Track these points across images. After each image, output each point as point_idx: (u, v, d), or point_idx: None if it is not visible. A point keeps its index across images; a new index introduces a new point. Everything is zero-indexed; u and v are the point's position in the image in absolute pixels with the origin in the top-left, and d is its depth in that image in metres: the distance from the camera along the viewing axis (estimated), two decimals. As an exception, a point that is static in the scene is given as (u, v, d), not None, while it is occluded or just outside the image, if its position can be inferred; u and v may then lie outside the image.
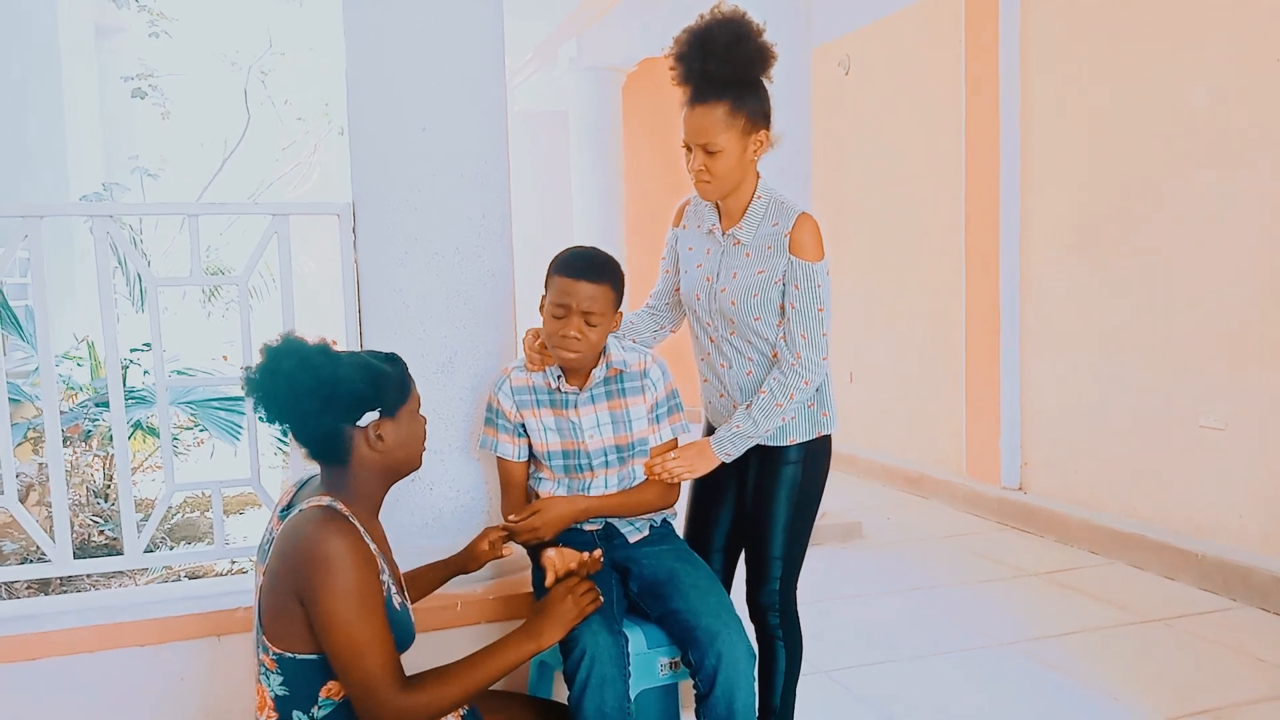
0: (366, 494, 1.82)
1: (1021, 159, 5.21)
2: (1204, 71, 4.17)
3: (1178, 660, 3.43)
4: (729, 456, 2.31)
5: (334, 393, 1.73)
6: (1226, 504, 4.18)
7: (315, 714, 1.76)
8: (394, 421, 1.81)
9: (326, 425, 1.75)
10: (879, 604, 4.05)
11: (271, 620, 1.73)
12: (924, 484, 5.97)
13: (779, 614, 2.36)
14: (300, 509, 1.75)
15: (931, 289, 6.00)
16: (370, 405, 1.77)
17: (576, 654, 1.99)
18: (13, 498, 2.48)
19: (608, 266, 2.17)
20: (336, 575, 1.65)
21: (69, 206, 5.10)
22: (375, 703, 1.66)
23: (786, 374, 2.24)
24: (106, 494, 4.49)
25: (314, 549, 1.66)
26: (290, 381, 1.71)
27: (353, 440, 1.78)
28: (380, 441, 1.79)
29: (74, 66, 6.95)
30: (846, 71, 6.69)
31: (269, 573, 1.73)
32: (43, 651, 2.28)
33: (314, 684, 1.75)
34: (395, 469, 1.86)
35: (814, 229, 2.22)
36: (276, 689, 1.76)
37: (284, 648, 1.73)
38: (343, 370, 1.75)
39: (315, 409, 1.73)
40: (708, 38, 2.12)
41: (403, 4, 2.45)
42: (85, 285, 6.70)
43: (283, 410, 1.73)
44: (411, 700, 1.69)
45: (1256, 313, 4.01)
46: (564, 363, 2.18)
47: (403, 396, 1.83)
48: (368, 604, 1.67)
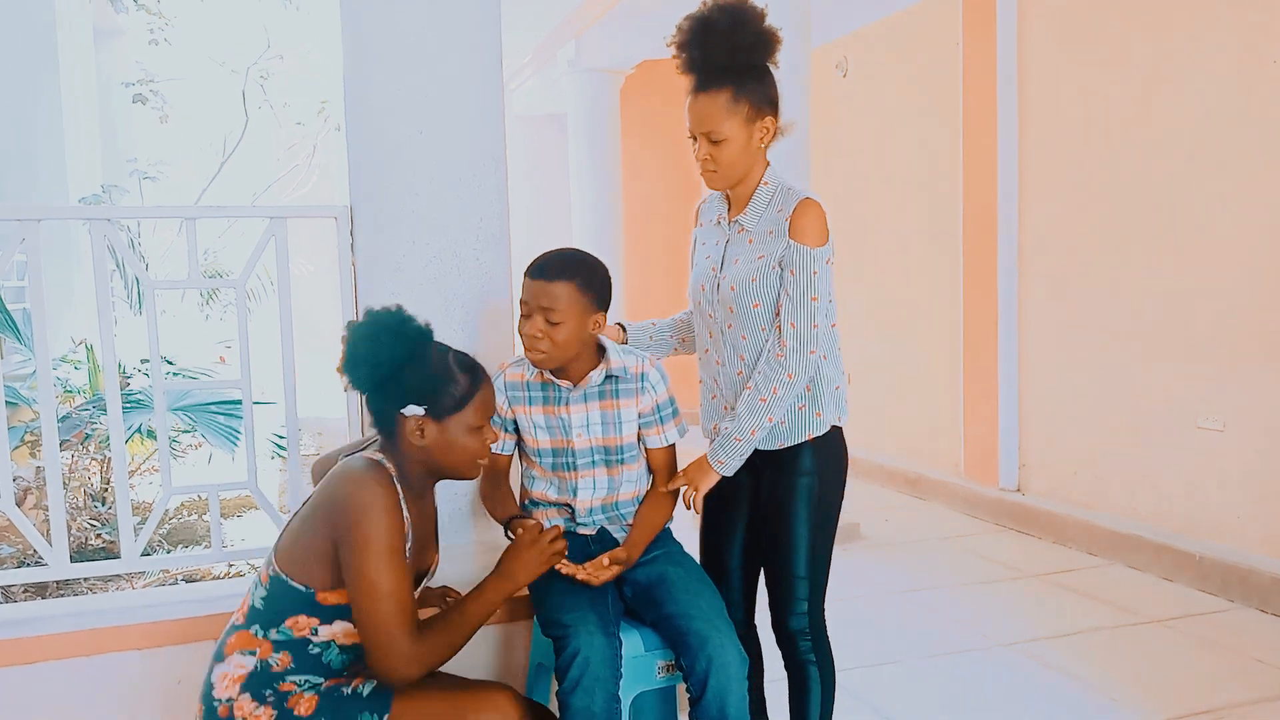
0: (410, 475, 1.92)
1: (1019, 161, 5.21)
2: (1202, 74, 4.18)
3: (1176, 661, 3.43)
4: (723, 466, 2.20)
5: (393, 375, 1.85)
6: (1225, 505, 4.18)
7: (271, 636, 1.86)
8: (439, 425, 1.89)
9: (380, 400, 1.88)
10: (877, 605, 4.05)
11: (290, 545, 1.86)
12: (922, 485, 5.97)
13: (810, 638, 2.24)
14: (353, 456, 1.89)
15: (929, 290, 6.00)
16: (419, 401, 1.87)
17: (570, 653, 1.99)
18: (9, 501, 2.48)
19: (570, 265, 2.13)
20: (372, 524, 1.77)
21: (67, 210, 5.10)
22: (391, 650, 1.77)
23: (771, 366, 2.14)
24: (104, 497, 4.49)
25: (356, 496, 1.79)
26: (368, 347, 1.85)
27: (399, 424, 1.89)
28: (421, 437, 1.88)
29: (73, 70, 6.95)
30: (845, 73, 6.70)
31: (311, 504, 1.87)
32: (40, 655, 2.27)
33: (286, 611, 1.85)
34: (437, 469, 1.95)
35: (817, 213, 2.13)
36: (257, 601, 1.89)
37: (285, 570, 1.85)
38: (414, 359, 1.87)
39: (374, 381, 1.86)
40: (708, 24, 2.09)
41: (400, 7, 2.45)
42: (84, 288, 6.70)
43: (354, 369, 1.86)
44: (415, 652, 1.78)
45: (1254, 313, 4.01)
46: (533, 362, 2.17)
47: (456, 407, 1.91)
48: (396, 555, 1.78)
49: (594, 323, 2.16)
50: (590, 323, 2.15)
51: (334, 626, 1.87)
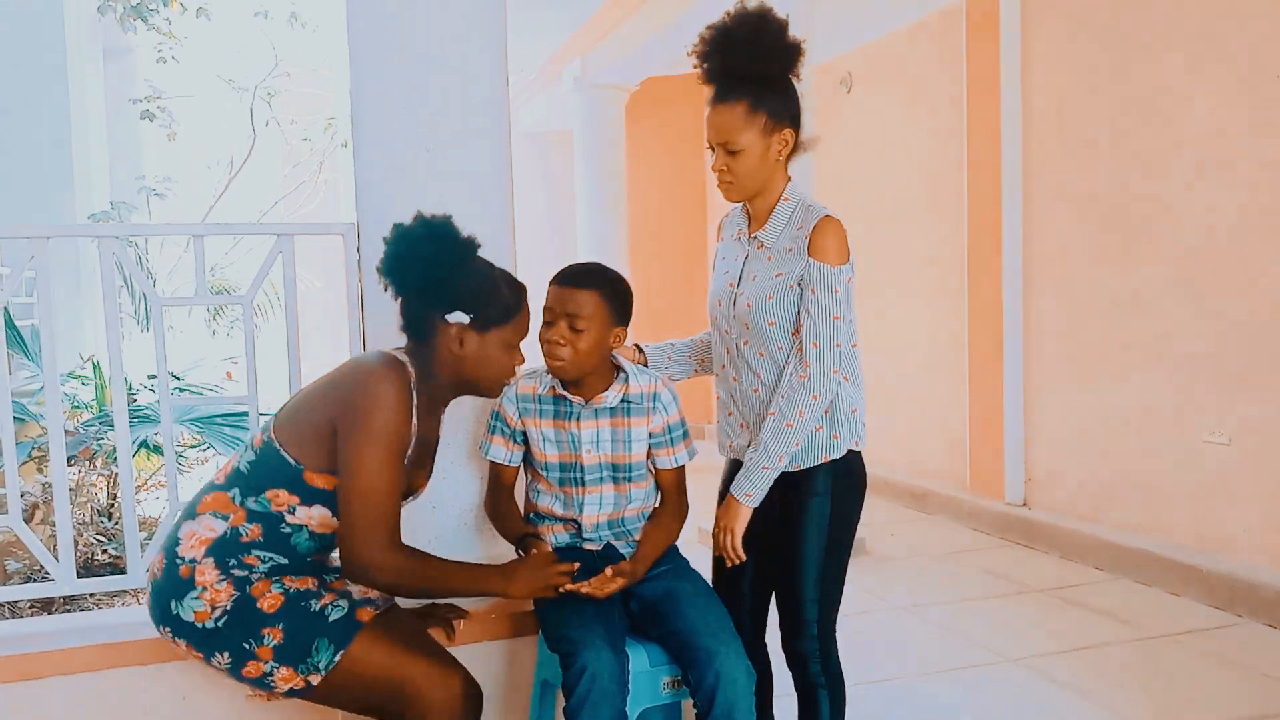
0: (431, 384, 1.92)
1: (1023, 176, 5.22)
2: (1206, 86, 4.19)
3: (1185, 677, 3.42)
4: (750, 498, 2.15)
5: (443, 278, 1.86)
6: (1231, 518, 4.16)
7: (249, 504, 1.84)
8: (480, 336, 1.91)
9: (423, 304, 1.89)
10: (883, 621, 4.04)
11: (289, 417, 1.86)
12: (928, 500, 5.95)
13: (820, 661, 2.21)
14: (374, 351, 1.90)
15: (934, 306, 6.00)
16: (465, 308, 1.88)
17: (577, 669, 1.99)
18: (17, 518, 2.49)
19: (597, 275, 2.17)
20: (381, 417, 1.76)
21: (75, 228, 5.13)
22: (363, 544, 1.75)
23: (795, 389, 2.10)
24: (110, 513, 4.49)
25: (371, 386, 1.79)
26: (427, 248, 1.85)
27: (437, 330, 1.90)
28: (460, 347, 1.90)
29: (82, 89, 7.01)
30: (849, 89, 6.73)
31: (322, 382, 1.86)
32: (46, 671, 2.28)
33: (269, 481, 1.84)
34: (466, 381, 1.95)
35: (837, 231, 2.10)
36: (243, 465, 1.88)
37: (279, 439, 1.84)
38: (465, 266, 1.89)
39: (425, 284, 1.86)
40: (728, 34, 2.09)
41: (407, 25, 2.47)
42: (92, 304, 6.73)
43: (404, 269, 1.86)
44: (389, 557, 1.77)
45: (1259, 327, 4.01)
46: (552, 371, 2.18)
47: (500, 319, 1.93)
48: (396, 455, 1.78)
49: (615, 336, 2.18)
50: (611, 336, 2.17)
51: (312, 510, 1.86)
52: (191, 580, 1.82)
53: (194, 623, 1.82)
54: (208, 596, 1.81)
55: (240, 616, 1.82)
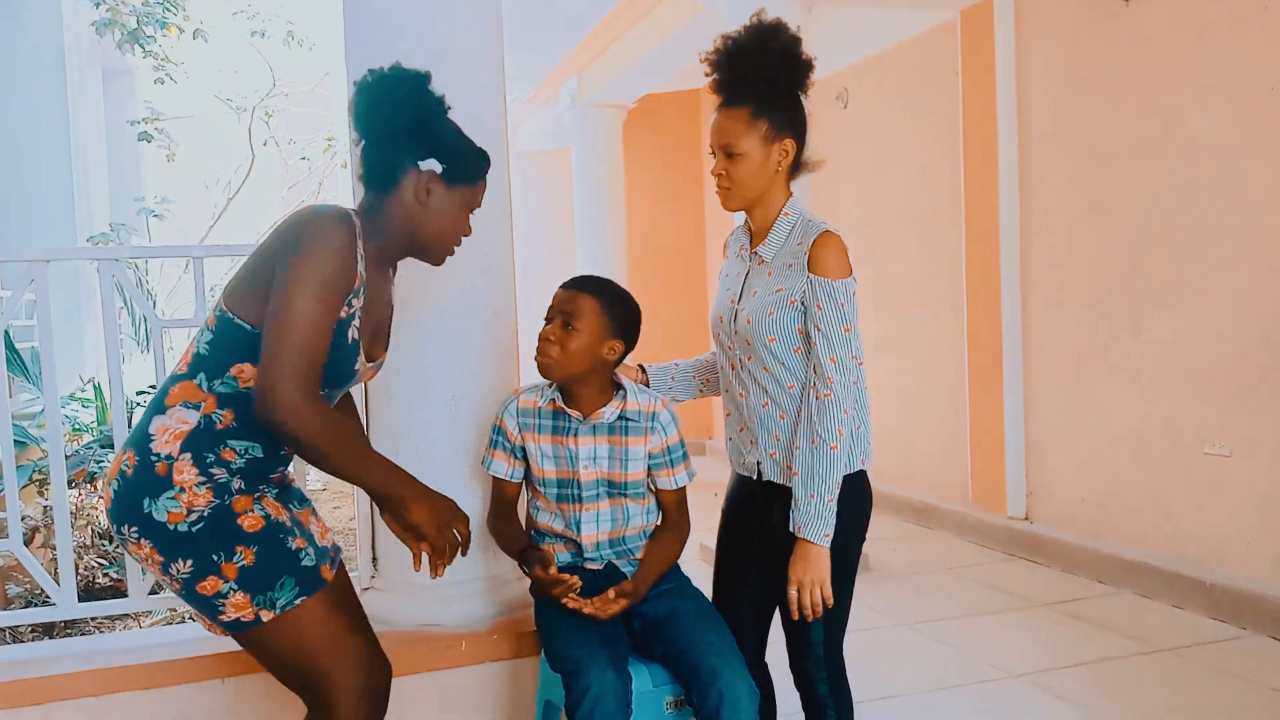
0: (383, 237, 1.86)
1: (1020, 190, 5.24)
2: (1201, 101, 4.21)
3: (1190, 691, 3.40)
4: (828, 538, 2.07)
5: (424, 122, 1.84)
6: (1234, 531, 4.15)
7: (216, 387, 1.77)
8: (446, 191, 1.87)
9: (396, 148, 1.84)
10: (886, 637, 4.03)
11: (238, 283, 1.79)
12: (930, 515, 5.94)
13: (827, 681, 2.17)
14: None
15: (933, 320, 6.01)
16: (441, 158, 1.85)
17: (581, 689, 1.98)
18: (18, 541, 2.48)
19: (599, 285, 2.22)
20: (316, 254, 1.69)
21: (75, 251, 5.14)
22: (280, 381, 1.63)
23: (826, 409, 2.04)
24: (111, 536, 4.48)
25: (309, 225, 1.72)
26: (407, 91, 1.82)
27: (404, 178, 1.85)
28: (426, 196, 1.86)
29: (82, 111, 7.04)
30: (845, 105, 6.75)
31: (263, 241, 1.78)
32: (47, 696, 2.27)
33: (232, 355, 1.77)
34: (417, 238, 1.90)
35: (837, 246, 2.09)
36: (202, 347, 1.80)
37: (232, 309, 1.77)
38: (444, 119, 1.89)
39: (400, 127, 1.82)
40: (737, 43, 2.13)
41: (404, 43, 2.48)
42: (92, 326, 6.74)
43: (379, 111, 1.82)
44: (305, 405, 1.64)
45: (1260, 339, 4.01)
46: (539, 368, 2.20)
47: (469, 178, 1.91)
48: (326, 300, 1.69)
49: (609, 348, 2.18)
50: (605, 346, 2.18)
51: None
52: (169, 479, 1.73)
53: (165, 523, 1.72)
54: (185, 498, 1.73)
55: (217, 526, 1.74)
